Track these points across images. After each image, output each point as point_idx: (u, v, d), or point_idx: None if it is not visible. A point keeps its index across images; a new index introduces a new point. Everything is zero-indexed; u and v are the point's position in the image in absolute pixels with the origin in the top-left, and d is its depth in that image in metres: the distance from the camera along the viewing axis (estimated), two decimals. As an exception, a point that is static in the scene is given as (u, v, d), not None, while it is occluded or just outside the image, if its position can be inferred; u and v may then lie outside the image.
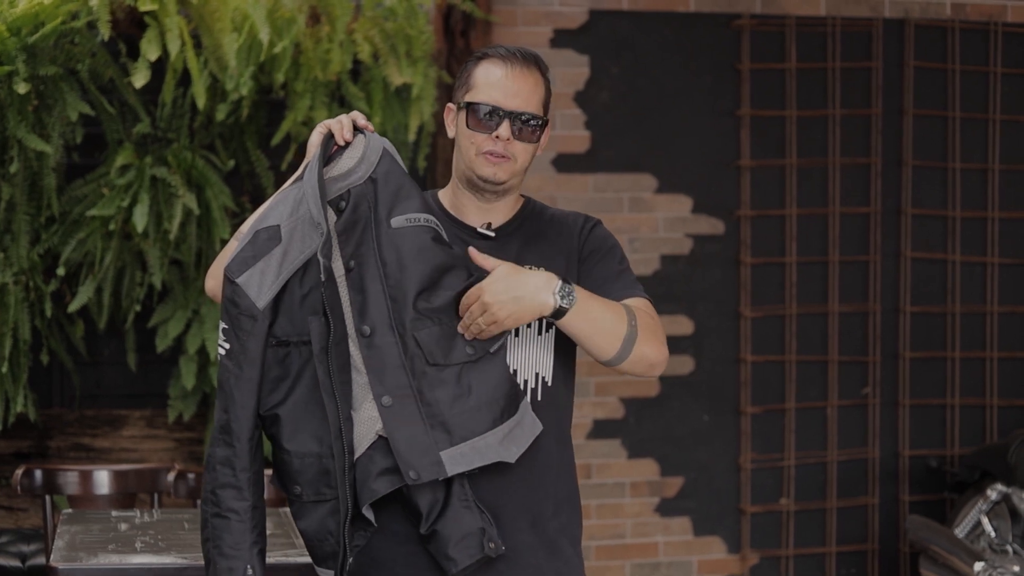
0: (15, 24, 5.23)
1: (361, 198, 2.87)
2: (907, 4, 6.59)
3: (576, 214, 3.07)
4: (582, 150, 6.29)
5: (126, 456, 5.88)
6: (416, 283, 2.82)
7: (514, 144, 2.91)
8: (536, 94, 2.94)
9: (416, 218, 2.87)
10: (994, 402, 6.68)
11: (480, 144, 2.92)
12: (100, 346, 5.94)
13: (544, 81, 2.97)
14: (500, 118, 2.91)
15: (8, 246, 5.42)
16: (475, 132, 2.92)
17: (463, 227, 2.98)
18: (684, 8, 6.41)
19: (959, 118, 6.63)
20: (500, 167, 2.92)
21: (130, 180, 5.44)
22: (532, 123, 2.92)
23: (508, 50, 2.96)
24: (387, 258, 2.84)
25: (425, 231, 2.86)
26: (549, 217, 3.05)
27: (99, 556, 3.50)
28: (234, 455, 2.88)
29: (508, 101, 2.91)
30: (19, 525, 5.81)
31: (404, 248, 2.84)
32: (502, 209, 3.00)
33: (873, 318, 6.56)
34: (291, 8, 5.48)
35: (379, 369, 2.81)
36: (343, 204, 2.86)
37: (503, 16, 6.22)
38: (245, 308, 2.85)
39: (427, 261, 2.84)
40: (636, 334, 2.89)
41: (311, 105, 5.57)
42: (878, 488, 6.60)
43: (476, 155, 2.93)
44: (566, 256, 2.99)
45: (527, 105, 2.92)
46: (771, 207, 6.50)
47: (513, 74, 2.92)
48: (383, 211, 2.87)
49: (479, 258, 2.84)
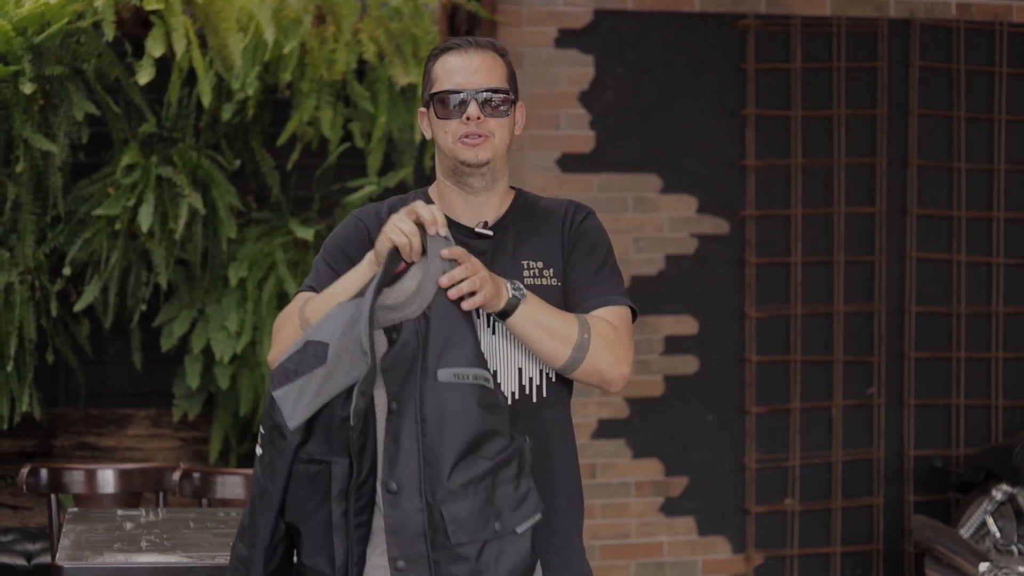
0: (21, 24, 5.24)
1: (411, 336, 2.71)
2: (912, 4, 6.58)
3: (568, 203, 3.05)
4: (587, 150, 6.29)
5: (131, 455, 5.88)
6: (454, 451, 2.68)
7: (486, 121, 2.92)
8: (496, 71, 2.94)
9: (464, 374, 2.71)
10: (999, 402, 6.68)
11: (454, 131, 2.92)
12: (105, 345, 5.95)
13: (504, 62, 2.98)
14: (466, 100, 2.91)
15: (14, 245, 5.43)
16: (446, 121, 2.92)
17: (459, 228, 2.95)
18: (689, 8, 6.40)
19: (964, 118, 6.63)
20: (480, 147, 2.92)
21: (136, 180, 5.44)
22: (498, 96, 2.93)
23: (460, 39, 2.97)
24: (427, 415, 2.69)
25: (472, 391, 2.70)
26: (542, 208, 3.04)
27: (104, 555, 3.50)
28: (250, 559, 2.79)
29: (469, 81, 2.92)
30: (25, 524, 5.82)
31: (447, 408, 2.69)
32: (493, 203, 2.99)
33: (878, 318, 6.56)
34: (297, 8, 5.49)
35: (398, 531, 2.69)
36: (394, 336, 2.71)
37: (508, 16, 6.22)
38: (276, 424, 2.73)
39: (469, 426, 2.70)
40: (588, 344, 2.87)
41: (317, 105, 5.58)
42: (883, 488, 6.60)
43: (454, 143, 2.92)
44: (557, 248, 2.98)
45: (488, 81, 2.93)
46: (776, 207, 6.50)
47: (468, 56, 2.93)
48: (432, 358, 2.70)
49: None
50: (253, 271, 5.59)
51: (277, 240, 5.66)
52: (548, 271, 2.96)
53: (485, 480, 2.71)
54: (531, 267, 2.95)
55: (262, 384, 5.61)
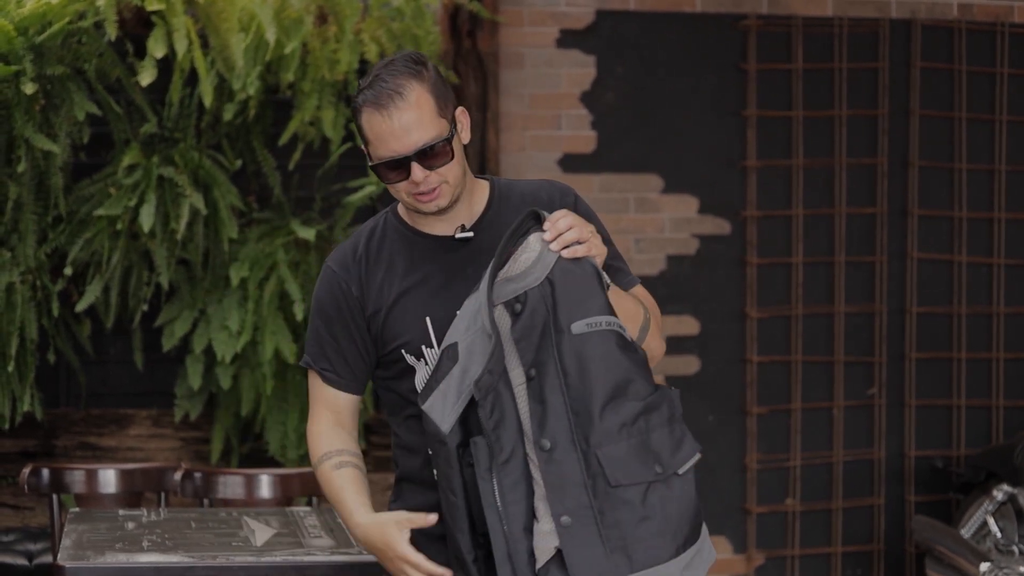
0: (22, 24, 5.24)
1: (539, 301, 2.69)
2: (914, 5, 6.58)
3: (549, 184, 3.00)
4: (588, 150, 6.29)
5: (132, 455, 5.88)
6: (601, 396, 2.66)
7: (433, 174, 2.81)
8: (425, 114, 2.80)
9: (598, 322, 2.70)
10: (1000, 403, 6.68)
11: (406, 190, 2.83)
12: (107, 345, 5.95)
13: (426, 87, 2.82)
14: (406, 166, 2.80)
15: (15, 245, 5.43)
16: (395, 185, 2.83)
17: (436, 239, 2.90)
18: (690, 8, 6.41)
19: (965, 119, 6.63)
20: (437, 199, 2.83)
21: (137, 180, 5.44)
22: (436, 148, 2.80)
23: (376, 90, 2.81)
24: (568, 367, 2.67)
25: (608, 336, 2.69)
26: (520, 194, 2.96)
27: (106, 555, 3.51)
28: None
29: (402, 145, 2.79)
30: (26, 524, 5.82)
31: (587, 356, 2.68)
32: (465, 210, 2.91)
33: (879, 319, 6.56)
34: (298, 8, 5.49)
35: (558, 486, 2.65)
36: (519, 307, 2.69)
37: (509, 16, 6.23)
38: (433, 434, 2.72)
39: (611, 370, 2.69)
40: (649, 325, 2.89)
41: (318, 105, 5.58)
42: (884, 488, 6.60)
43: (408, 198, 2.84)
44: None
45: (421, 136, 2.78)
46: (777, 207, 6.50)
47: (391, 116, 2.79)
48: (563, 316, 2.69)
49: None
50: (254, 271, 5.59)
51: (278, 240, 5.67)
52: None
53: (637, 422, 2.68)
54: None
55: (263, 384, 5.61)
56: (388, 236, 2.95)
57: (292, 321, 5.61)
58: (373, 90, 2.82)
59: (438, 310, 2.86)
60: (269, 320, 5.57)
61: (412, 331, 2.88)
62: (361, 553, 3.57)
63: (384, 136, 2.80)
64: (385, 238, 2.95)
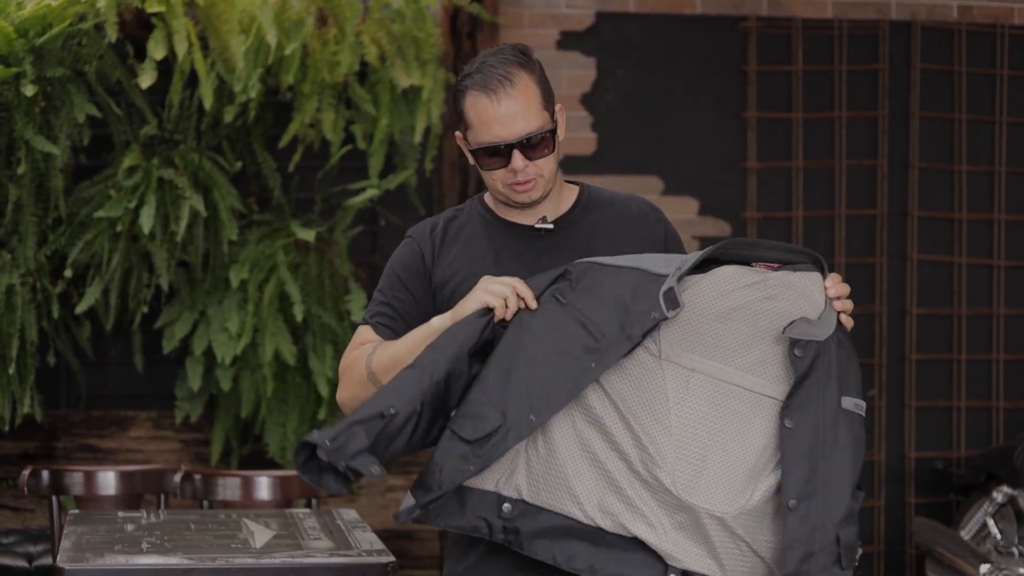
0: (23, 26, 5.25)
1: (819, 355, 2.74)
2: (914, 6, 6.59)
3: (635, 199, 3.01)
4: (588, 152, 6.29)
5: (132, 457, 5.89)
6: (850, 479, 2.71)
7: (532, 165, 2.83)
8: (532, 104, 2.82)
9: (859, 405, 2.75)
10: (1000, 404, 6.67)
11: (502, 179, 2.84)
12: (107, 347, 5.95)
13: (534, 77, 2.84)
14: (507, 154, 2.81)
15: (15, 247, 5.43)
16: (492, 171, 2.84)
17: (520, 228, 2.91)
18: (690, 10, 6.41)
19: (965, 120, 6.63)
20: (532, 191, 2.85)
21: (137, 181, 5.45)
22: (540, 136, 2.83)
23: (485, 75, 2.82)
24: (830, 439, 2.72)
25: (862, 423, 2.75)
26: (608, 202, 2.98)
27: (106, 557, 3.51)
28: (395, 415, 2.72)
29: (508, 132, 2.80)
30: (26, 526, 5.82)
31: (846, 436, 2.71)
32: (551, 204, 2.93)
33: (879, 320, 6.56)
34: (299, 10, 5.49)
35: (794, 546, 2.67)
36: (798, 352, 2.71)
37: (510, 18, 6.23)
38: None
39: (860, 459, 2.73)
40: None
41: (318, 107, 5.58)
42: (884, 490, 6.59)
43: (503, 187, 2.85)
44: (642, 249, 2.89)
45: (527, 125, 2.81)
46: (777, 209, 6.50)
47: (500, 102, 2.80)
48: (839, 383, 2.74)
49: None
50: (254, 273, 5.60)
51: (278, 242, 5.67)
52: None
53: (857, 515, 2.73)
54: None
55: (263, 386, 5.61)
56: (471, 220, 2.96)
57: (292, 323, 5.62)
58: (482, 75, 2.83)
59: None
60: (269, 322, 5.57)
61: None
62: (360, 555, 3.57)
63: (489, 121, 2.81)
64: (468, 221, 2.96)
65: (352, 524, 4.00)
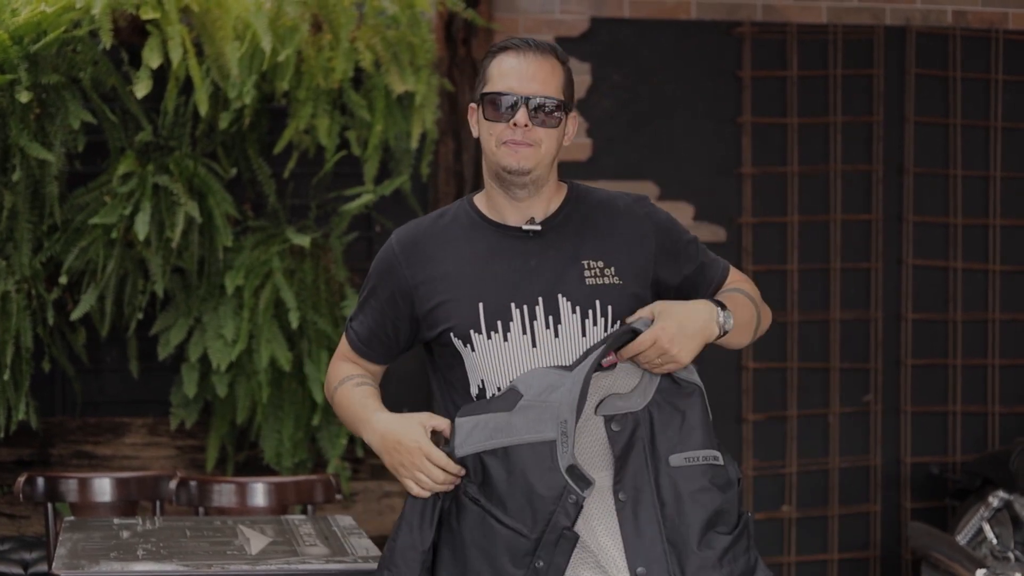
0: (17, 33, 5.25)
1: (639, 425, 2.78)
2: (908, 12, 6.59)
3: (625, 197, 3.03)
4: (583, 157, 6.30)
5: (128, 464, 5.88)
6: (696, 530, 2.75)
7: (534, 130, 2.84)
8: (554, 79, 2.86)
9: (695, 457, 2.79)
10: (996, 409, 6.68)
11: (500, 134, 2.85)
12: (102, 354, 5.95)
13: (563, 68, 2.90)
14: (516, 105, 2.83)
15: (10, 254, 5.43)
16: (493, 123, 2.85)
17: (506, 229, 2.91)
18: (685, 16, 6.41)
19: (960, 125, 6.63)
20: (523, 155, 2.84)
21: (132, 188, 5.44)
22: (550, 106, 2.85)
23: (522, 40, 2.90)
24: (665, 498, 2.77)
25: (705, 472, 2.79)
26: (597, 201, 2.99)
27: (101, 564, 3.50)
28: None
29: (523, 86, 2.84)
30: (21, 533, 5.81)
31: (684, 489, 2.77)
32: (540, 204, 2.93)
33: (874, 325, 6.56)
34: (293, 16, 5.49)
35: None
36: (615, 428, 2.77)
37: (505, 24, 6.23)
38: (448, 446, 2.79)
39: (707, 505, 2.78)
40: (760, 316, 3.01)
41: (313, 113, 5.58)
42: (880, 495, 6.60)
43: (497, 146, 2.86)
44: (628, 249, 2.93)
45: (544, 88, 2.84)
46: (773, 214, 6.50)
47: (526, 60, 2.85)
48: (661, 445, 2.78)
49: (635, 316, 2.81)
50: (250, 279, 5.59)
51: (274, 248, 5.66)
52: (609, 270, 2.91)
53: (727, 554, 2.76)
54: (592, 266, 2.90)
55: (259, 392, 5.60)
56: (458, 219, 2.97)
57: (287, 329, 5.61)
58: (519, 42, 2.90)
59: (491, 296, 2.87)
60: (264, 328, 5.57)
61: (462, 314, 2.88)
62: (356, 561, 3.57)
63: (509, 73, 2.86)
64: (455, 221, 2.97)
65: (348, 531, 3.99)
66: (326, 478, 4.64)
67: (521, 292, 2.86)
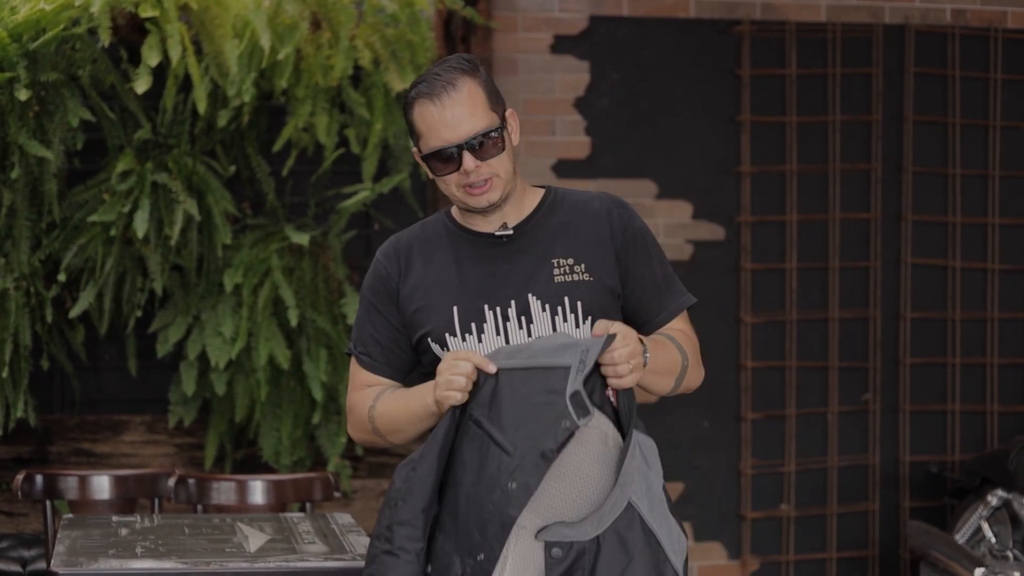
0: (16, 30, 5.24)
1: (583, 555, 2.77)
2: (907, 10, 6.59)
3: (601, 197, 3.02)
4: (582, 156, 6.30)
5: (127, 461, 5.88)
6: None
7: (484, 166, 2.86)
8: (477, 104, 2.86)
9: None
10: (994, 408, 6.68)
11: (456, 182, 2.87)
12: (101, 351, 5.94)
13: (479, 80, 2.88)
14: (458, 155, 2.84)
15: (9, 252, 5.43)
16: (446, 177, 2.88)
17: (480, 236, 2.94)
18: (684, 14, 6.41)
19: (959, 124, 6.63)
20: (487, 194, 2.88)
21: (131, 186, 5.44)
22: (489, 137, 2.86)
23: (430, 83, 2.86)
24: None
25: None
26: (573, 203, 2.99)
27: (100, 561, 3.50)
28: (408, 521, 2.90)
29: (454, 134, 2.84)
30: (20, 530, 5.81)
31: None
32: (514, 209, 2.95)
33: (873, 324, 6.56)
34: (292, 14, 5.49)
35: None
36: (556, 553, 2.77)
37: (503, 22, 6.23)
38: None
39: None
40: (687, 369, 2.98)
41: (312, 111, 5.58)
42: (878, 494, 6.60)
43: (458, 191, 2.88)
44: (597, 245, 2.94)
45: (475, 124, 2.84)
46: (771, 213, 6.50)
47: (445, 105, 2.84)
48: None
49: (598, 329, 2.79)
50: (248, 277, 5.59)
51: (272, 246, 5.66)
52: (580, 267, 2.92)
53: None
54: (561, 264, 2.92)
55: (257, 390, 5.60)
56: (437, 230, 3.00)
57: (286, 327, 5.61)
58: (427, 83, 2.87)
59: (466, 300, 2.91)
60: (263, 326, 5.57)
61: (438, 318, 2.92)
62: (355, 559, 3.56)
63: (436, 126, 2.85)
64: (434, 231, 3.01)
65: (346, 528, 3.99)
66: (325, 476, 4.64)
67: (494, 295, 2.90)
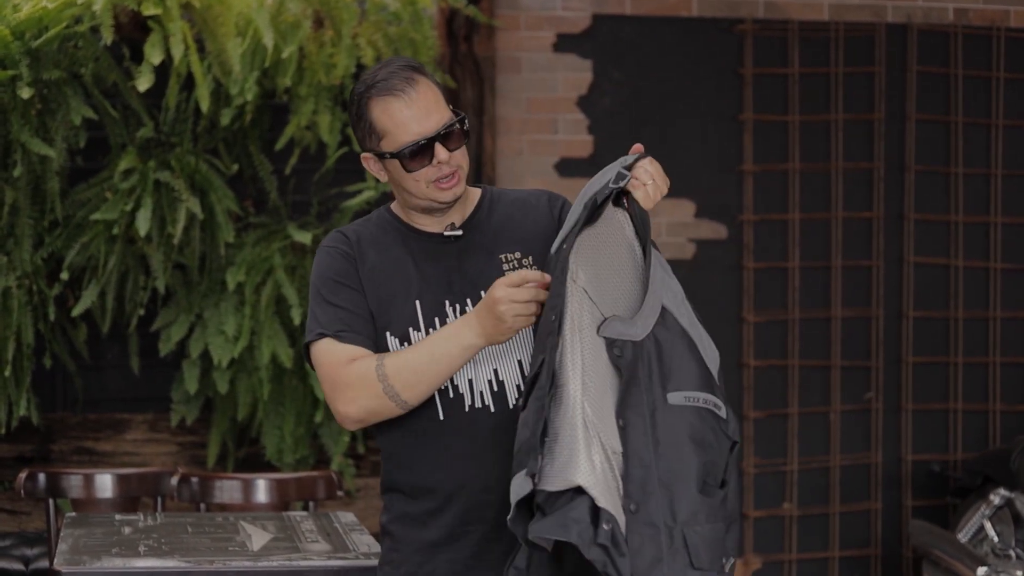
0: (19, 28, 5.24)
1: (639, 356, 2.68)
2: (910, 9, 6.59)
3: (540, 192, 3.05)
4: (585, 154, 6.29)
5: (129, 460, 5.88)
6: (694, 475, 2.64)
7: (454, 156, 2.87)
8: (438, 99, 2.88)
9: (695, 397, 2.70)
10: (997, 407, 6.68)
11: (428, 176, 2.86)
12: (103, 350, 5.95)
13: (430, 80, 2.89)
14: (430, 149, 2.84)
15: (11, 250, 5.43)
16: (418, 171, 2.86)
17: (429, 236, 2.94)
18: (687, 13, 6.41)
19: (962, 123, 6.63)
20: (455, 186, 2.89)
21: (134, 184, 5.44)
22: (455, 127, 2.87)
23: (387, 82, 2.85)
24: (661, 438, 2.65)
25: (702, 415, 2.69)
26: (511, 200, 3.02)
27: (102, 559, 3.50)
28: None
29: (424, 126, 2.84)
30: (22, 528, 5.81)
31: (680, 432, 2.66)
32: (458, 208, 2.96)
33: (876, 323, 6.56)
34: (295, 13, 5.49)
35: (637, 553, 2.58)
36: (616, 352, 2.66)
37: (506, 21, 6.23)
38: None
39: (704, 451, 2.67)
40: None
41: (315, 109, 5.58)
42: (881, 493, 6.60)
43: (428, 187, 2.88)
44: (541, 236, 2.95)
45: (440, 115, 2.86)
46: (774, 212, 6.50)
47: (412, 100, 2.85)
48: (658, 381, 2.68)
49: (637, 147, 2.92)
50: (251, 275, 5.59)
51: (275, 244, 5.66)
52: (527, 259, 2.94)
53: (719, 510, 2.68)
54: (509, 259, 2.93)
55: (260, 388, 5.60)
56: (382, 227, 2.98)
57: (289, 325, 5.61)
58: (384, 82, 2.86)
59: (428, 296, 2.89)
60: (266, 324, 5.57)
61: (400, 312, 2.88)
62: (358, 558, 3.57)
63: (406, 121, 2.85)
64: (379, 228, 2.98)
65: (349, 527, 3.99)
66: (327, 474, 4.64)
67: (453, 291, 2.90)
